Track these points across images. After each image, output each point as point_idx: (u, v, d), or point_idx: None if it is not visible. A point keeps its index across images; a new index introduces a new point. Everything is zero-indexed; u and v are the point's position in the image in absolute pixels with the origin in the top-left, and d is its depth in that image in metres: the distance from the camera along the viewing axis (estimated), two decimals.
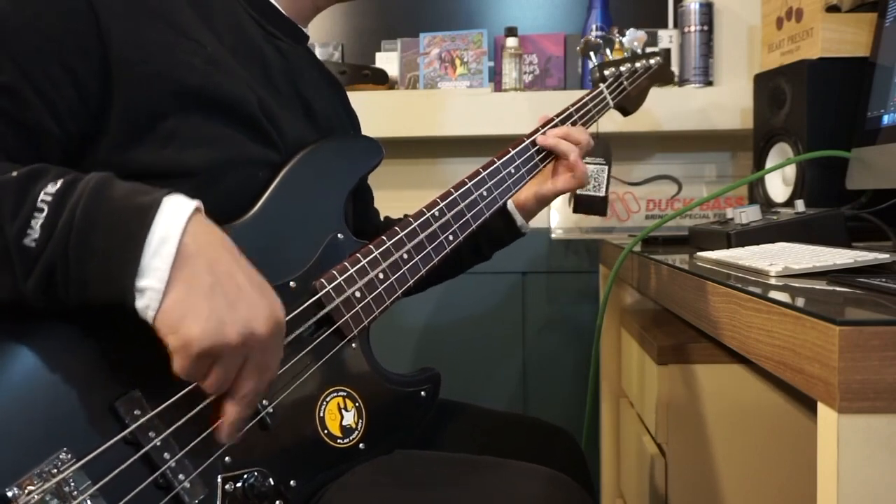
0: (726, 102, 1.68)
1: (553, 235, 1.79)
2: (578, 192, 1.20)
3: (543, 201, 1.11)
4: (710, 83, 1.73)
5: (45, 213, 0.56)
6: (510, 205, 1.11)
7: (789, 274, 0.75)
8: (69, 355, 0.60)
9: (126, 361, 0.62)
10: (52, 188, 0.57)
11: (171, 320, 0.56)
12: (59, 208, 0.56)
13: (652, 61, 1.25)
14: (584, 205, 1.21)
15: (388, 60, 1.81)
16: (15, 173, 0.58)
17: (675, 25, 1.79)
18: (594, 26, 1.74)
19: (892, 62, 1.12)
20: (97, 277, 0.56)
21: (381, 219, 1.15)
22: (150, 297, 0.56)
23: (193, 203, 0.60)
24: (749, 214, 1.12)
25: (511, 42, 1.72)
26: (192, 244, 0.58)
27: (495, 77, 1.78)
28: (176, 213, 0.58)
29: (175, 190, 0.60)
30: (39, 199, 0.56)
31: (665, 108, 1.67)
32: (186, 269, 0.57)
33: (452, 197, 0.90)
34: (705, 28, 1.71)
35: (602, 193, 1.20)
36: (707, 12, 1.71)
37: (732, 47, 1.78)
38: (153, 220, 0.57)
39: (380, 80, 1.76)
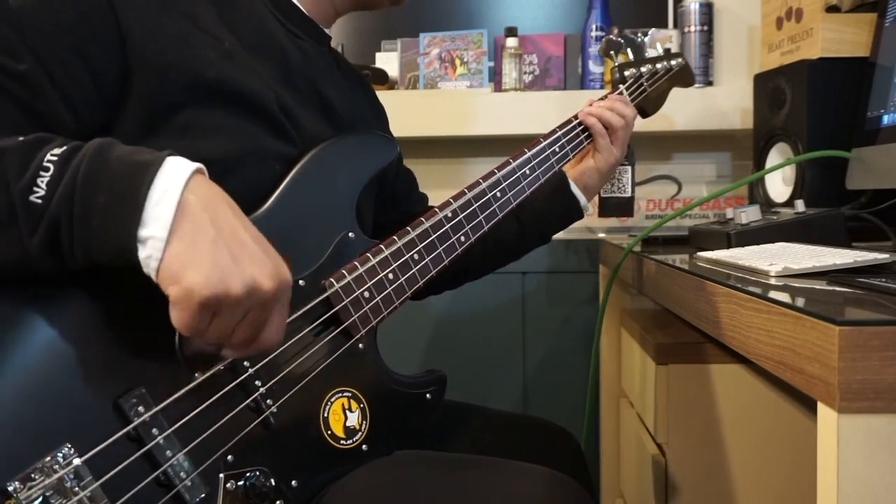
0: (726, 102, 1.68)
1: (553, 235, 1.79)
2: (603, 194, 1.21)
3: (603, 174, 1.11)
4: (710, 83, 1.73)
5: (50, 172, 0.57)
6: (573, 186, 1.11)
7: (789, 274, 0.75)
8: (74, 351, 0.60)
9: (131, 358, 0.63)
10: (57, 150, 0.58)
11: (174, 270, 0.56)
12: (65, 167, 0.57)
13: (673, 63, 1.24)
14: (611, 206, 1.22)
15: (388, 60, 1.81)
16: (21, 138, 0.59)
17: (675, 25, 1.79)
18: (594, 26, 1.74)
19: (891, 62, 1.12)
20: (101, 230, 0.57)
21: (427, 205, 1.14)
22: (153, 245, 0.56)
23: (195, 164, 0.60)
24: (749, 214, 1.12)
25: (511, 42, 1.72)
26: (196, 199, 0.58)
27: (495, 77, 1.78)
28: (178, 169, 0.59)
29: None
30: (45, 160, 0.57)
31: (665, 108, 1.66)
32: (189, 222, 0.57)
33: (466, 198, 0.89)
34: (705, 28, 1.71)
35: (628, 194, 1.21)
36: (707, 12, 1.71)
37: (732, 47, 1.78)
38: (156, 174, 0.57)
39: (380, 79, 1.76)
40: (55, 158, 0.58)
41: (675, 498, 1.11)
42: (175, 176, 0.58)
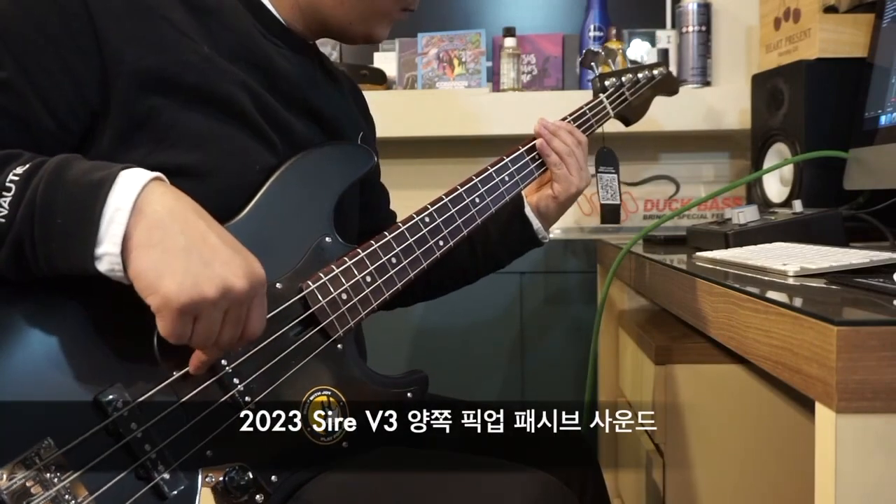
0: (724, 103, 1.68)
1: (551, 235, 1.79)
2: (602, 202, 1.22)
3: (560, 202, 1.07)
4: (708, 83, 1.73)
5: (12, 192, 0.59)
6: (528, 210, 1.08)
7: (807, 274, 0.74)
8: (56, 349, 0.63)
9: (112, 356, 0.65)
10: (20, 170, 0.60)
11: (150, 280, 0.59)
12: (25, 187, 0.59)
13: (655, 72, 1.24)
14: (607, 214, 1.24)
15: (386, 60, 1.81)
16: None
17: (674, 26, 1.79)
18: (592, 26, 1.74)
19: (889, 63, 1.12)
20: (60, 250, 0.59)
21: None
22: (109, 261, 0.59)
23: (151, 174, 0.62)
24: (747, 215, 1.12)
25: (509, 42, 1.72)
26: (162, 209, 0.60)
27: (493, 77, 1.78)
28: (131, 184, 0.60)
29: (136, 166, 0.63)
30: (8, 180, 0.60)
31: (663, 109, 1.66)
32: (158, 233, 0.60)
33: (443, 202, 0.91)
34: (703, 28, 1.71)
35: (618, 201, 1.23)
36: (705, 13, 1.71)
37: (730, 48, 1.78)
38: (108, 193, 0.60)
39: (378, 79, 1.76)
40: (17, 178, 0.60)
41: (673, 498, 1.11)
42: (127, 192, 0.60)
